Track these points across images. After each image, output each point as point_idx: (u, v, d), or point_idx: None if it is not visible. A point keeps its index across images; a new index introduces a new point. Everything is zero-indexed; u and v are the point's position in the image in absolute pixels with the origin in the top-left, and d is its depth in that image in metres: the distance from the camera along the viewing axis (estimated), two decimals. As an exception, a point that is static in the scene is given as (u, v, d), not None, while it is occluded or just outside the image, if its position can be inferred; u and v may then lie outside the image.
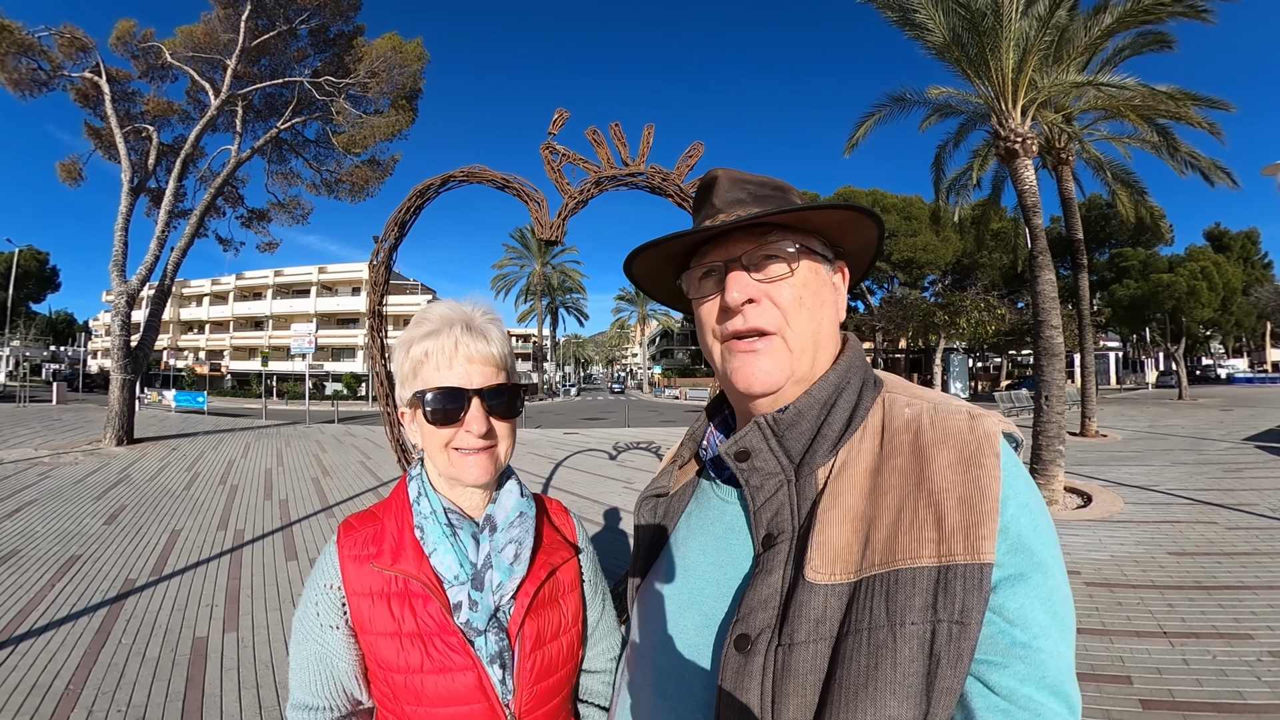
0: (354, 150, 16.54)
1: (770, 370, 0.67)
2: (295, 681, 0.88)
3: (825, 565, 0.57)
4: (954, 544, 0.53)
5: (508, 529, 0.89)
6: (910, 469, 0.59)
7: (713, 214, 0.72)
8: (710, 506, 0.75)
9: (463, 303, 0.90)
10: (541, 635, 0.87)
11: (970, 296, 27.61)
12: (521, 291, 55.58)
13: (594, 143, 3.11)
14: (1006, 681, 0.52)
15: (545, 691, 0.87)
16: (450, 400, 0.84)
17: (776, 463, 0.65)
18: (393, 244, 3.48)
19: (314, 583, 0.88)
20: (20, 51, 14.03)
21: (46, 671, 3.30)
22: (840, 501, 0.60)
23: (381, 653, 0.83)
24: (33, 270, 48.59)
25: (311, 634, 0.86)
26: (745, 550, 0.67)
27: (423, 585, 0.83)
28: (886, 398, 0.68)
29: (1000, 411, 3.28)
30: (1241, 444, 12.09)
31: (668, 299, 0.87)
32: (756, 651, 0.57)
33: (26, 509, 7.07)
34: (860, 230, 0.73)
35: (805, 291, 0.69)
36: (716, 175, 0.75)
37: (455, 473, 0.86)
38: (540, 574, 0.89)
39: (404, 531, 0.87)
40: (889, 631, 0.52)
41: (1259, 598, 4.15)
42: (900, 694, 0.50)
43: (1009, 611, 0.53)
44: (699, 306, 0.74)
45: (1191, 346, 35.42)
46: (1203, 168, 11.79)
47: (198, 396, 26.41)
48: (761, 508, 0.65)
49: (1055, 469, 7.33)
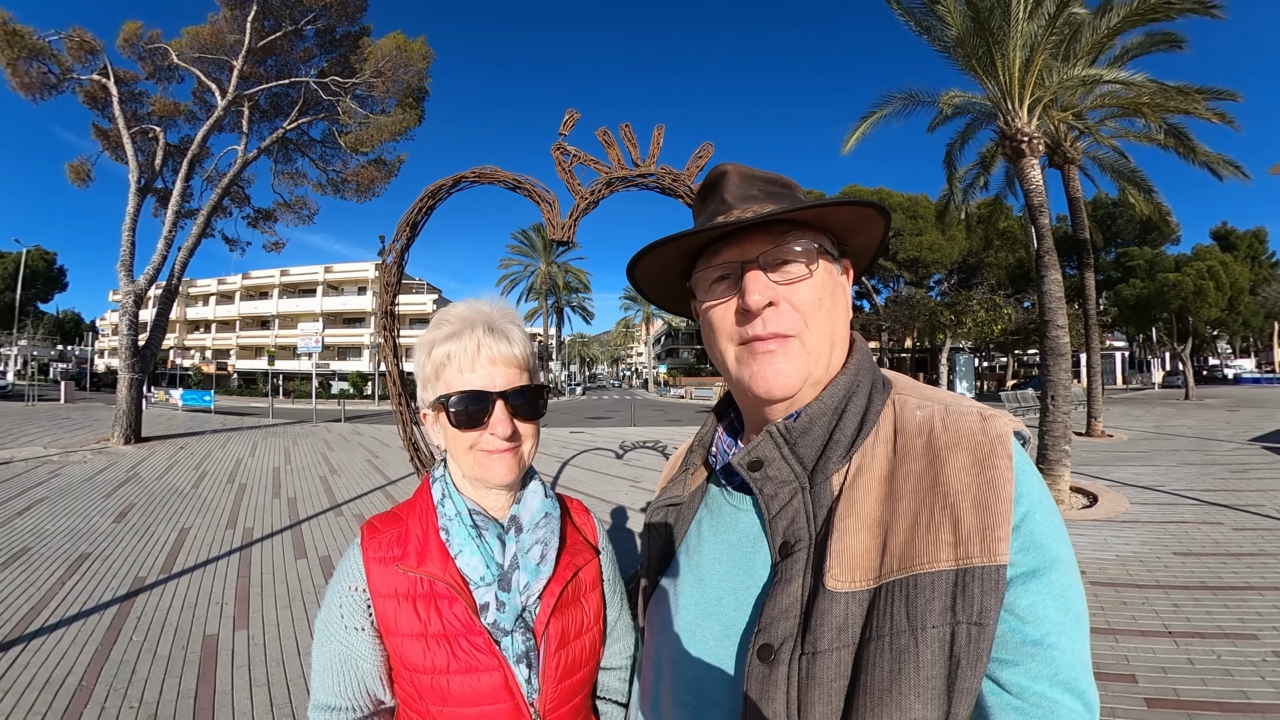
0: (360, 150, 16.58)
1: (790, 374, 0.66)
2: (318, 683, 0.87)
3: (845, 573, 0.57)
4: (971, 547, 0.53)
5: (534, 530, 0.89)
6: (925, 473, 0.59)
7: (725, 210, 0.70)
8: (723, 514, 0.74)
9: (482, 302, 0.90)
10: (566, 634, 0.88)
11: (976, 296, 27.48)
12: (526, 290, 55.68)
13: (604, 144, 3.13)
14: (1019, 679, 0.52)
15: (569, 689, 0.87)
16: (474, 403, 0.84)
17: (790, 471, 0.65)
18: (405, 244, 3.51)
19: (338, 584, 0.88)
20: (31, 56, 14.13)
21: (59, 668, 3.33)
22: (857, 509, 0.60)
23: (407, 654, 0.83)
24: (40, 270, 48.88)
25: (336, 635, 0.86)
26: (762, 559, 0.66)
27: (448, 586, 0.83)
28: (897, 399, 0.67)
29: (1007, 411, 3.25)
30: (1248, 445, 12.02)
31: (669, 303, 0.85)
32: (780, 661, 0.57)
33: (36, 507, 7.13)
34: (870, 228, 0.73)
35: (823, 293, 0.68)
36: (725, 170, 0.72)
37: (480, 474, 0.86)
38: (565, 574, 0.90)
39: (429, 533, 0.87)
40: (910, 636, 0.52)
41: (1264, 598, 4.13)
42: (924, 697, 0.51)
43: (1020, 609, 0.53)
44: (710, 310, 0.71)
45: (1198, 346, 35.21)
46: (1211, 163, 11.73)
47: (205, 395, 26.54)
48: (777, 516, 0.64)
49: (1061, 469, 7.31)
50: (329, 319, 52.30)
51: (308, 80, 15.48)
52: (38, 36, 14.11)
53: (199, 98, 16.20)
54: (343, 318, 52.87)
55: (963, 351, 35.28)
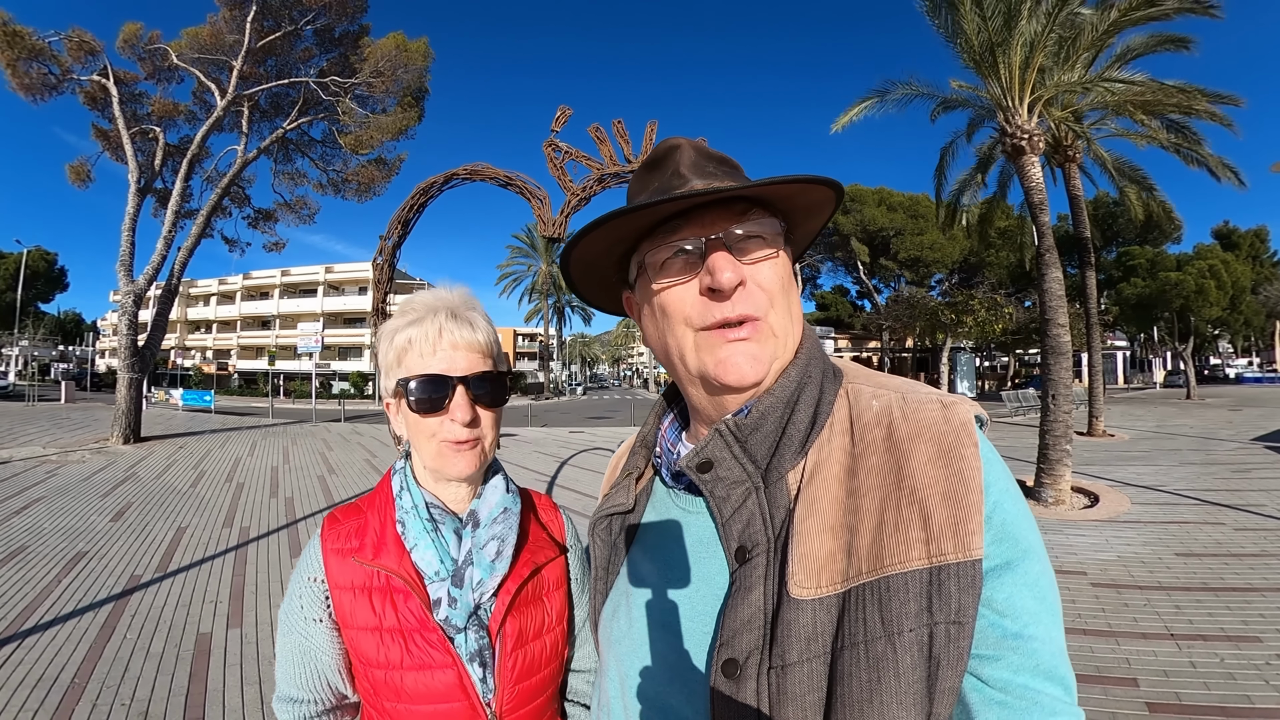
0: (360, 150, 16.58)
1: (760, 357, 0.62)
2: (280, 674, 0.87)
3: (810, 579, 0.54)
4: (943, 543, 0.51)
5: (490, 525, 0.87)
6: (888, 467, 0.56)
7: (681, 184, 0.63)
8: (672, 519, 0.69)
9: (445, 290, 0.89)
10: (524, 634, 0.86)
11: (977, 295, 27.48)
12: (528, 290, 55.74)
13: (597, 140, 3.11)
14: (1000, 674, 0.50)
15: (527, 691, 0.85)
16: (434, 388, 0.82)
17: (742, 470, 0.61)
18: (396, 241, 3.50)
19: (298, 575, 0.88)
20: (31, 57, 14.16)
21: (53, 665, 3.33)
22: (818, 508, 0.57)
23: (362, 648, 0.82)
24: (42, 271, 49.02)
25: (295, 627, 0.85)
26: (718, 566, 0.62)
27: (403, 581, 0.82)
28: (850, 388, 0.64)
29: (1007, 410, 3.24)
30: (1250, 444, 11.98)
31: (595, 293, 0.78)
32: (747, 677, 0.54)
33: (34, 506, 7.13)
34: (821, 213, 0.69)
35: (785, 273, 0.65)
36: (679, 143, 0.67)
37: (440, 465, 0.85)
38: (523, 572, 0.87)
39: (386, 526, 0.86)
40: (887, 642, 0.50)
41: (1267, 600, 4.10)
42: (907, 703, 0.49)
43: (998, 602, 0.51)
44: (663, 293, 0.64)
45: (1200, 346, 35.13)
46: (1209, 164, 11.69)
47: (205, 395, 26.60)
48: (730, 520, 0.60)
49: (1062, 468, 7.28)
50: (330, 319, 52.32)
51: (307, 80, 15.49)
52: (38, 37, 14.15)
53: (199, 98, 16.23)
54: (343, 318, 52.89)
55: (964, 351, 35.24)
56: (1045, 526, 6.15)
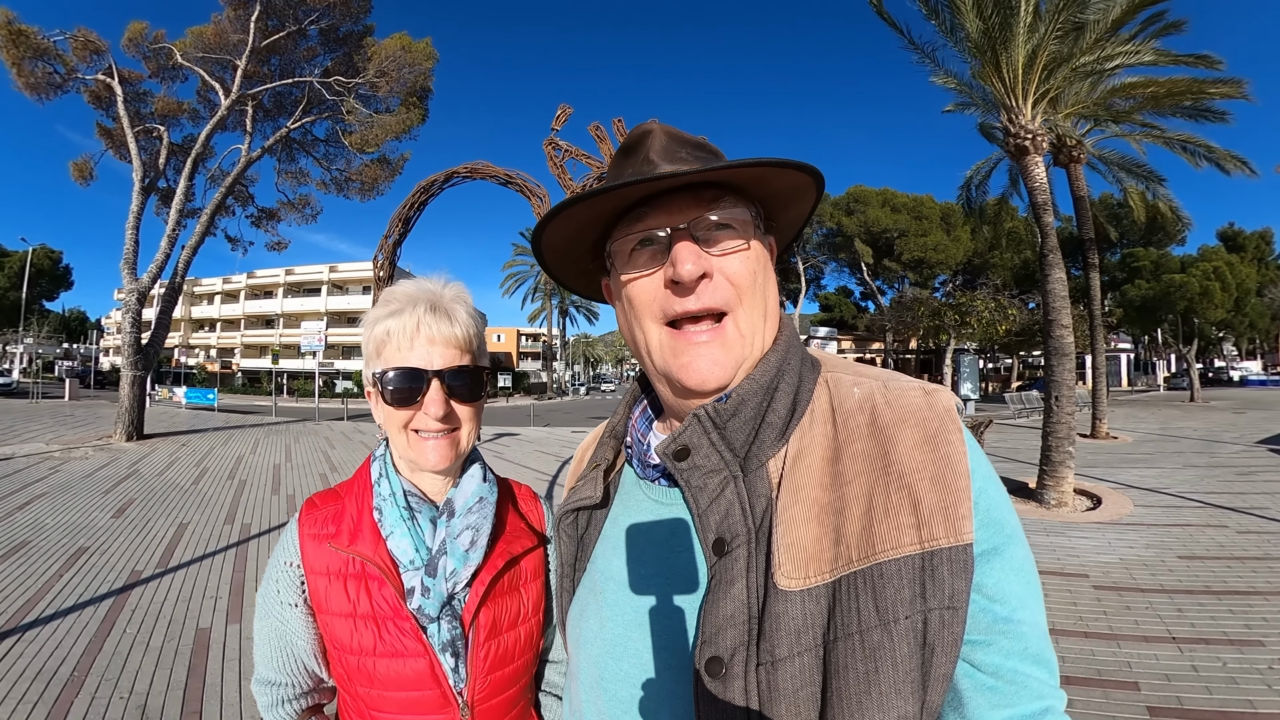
0: (364, 149, 16.63)
1: (724, 363, 0.60)
2: (258, 656, 0.88)
3: (797, 569, 0.52)
4: (935, 527, 0.51)
5: (465, 515, 0.87)
6: (873, 452, 0.55)
7: (650, 169, 0.60)
8: (644, 512, 0.66)
9: (431, 280, 0.88)
10: (498, 624, 0.85)
11: (981, 296, 27.39)
12: (531, 290, 55.76)
13: (597, 138, 3.11)
14: (992, 659, 0.50)
15: (500, 681, 0.85)
16: (409, 381, 0.82)
17: (720, 458, 0.58)
18: (397, 239, 3.50)
19: (275, 559, 0.88)
20: (37, 56, 14.25)
21: (53, 659, 3.34)
22: (802, 496, 0.55)
23: (336, 633, 0.82)
24: (46, 269, 49.15)
25: (272, 610, 0.86)
26: (692, 558, 0.60)
27: (378, 568, 0.82)
28: (830, 377, 0.63)
29: (1010, 412, 3.25)
30: (1254, 447, 11.91)
31: (575, 281, 0.76)
32: (733, 675, 0.51)
33: (36, 502, 7.15)
34: (803, 200, 0.66)
35: (757, 266, 0.62)
36: (652, 129, 0.64)
37: (413, 456, 0.85)
38: (498, 562, 0.87)
39: (363, 513, 0.86)
40: (883, 631, 0.49)
41: (1270, 604, 4.06)
42: (904, 691, 0.48)
43: (988, 588, 0.51)
44: (630, 284, 0.63)
45: (1204, 348, 35.02)
46: (1218, 159, 11.64)
47: (208, 393, 26.71)
48: (707, 510, 0.57)
49: (1065, 470, 7.25)
50: (333, 318, 52.39)
51: (311, 80, 15.55)
52: (43, 37, 14.23)
53: (203, 97, 16.31)
54: (347, 317, 53.01)
55: (967, 353, 35.12)
56: (1048, 528, 6.13)
